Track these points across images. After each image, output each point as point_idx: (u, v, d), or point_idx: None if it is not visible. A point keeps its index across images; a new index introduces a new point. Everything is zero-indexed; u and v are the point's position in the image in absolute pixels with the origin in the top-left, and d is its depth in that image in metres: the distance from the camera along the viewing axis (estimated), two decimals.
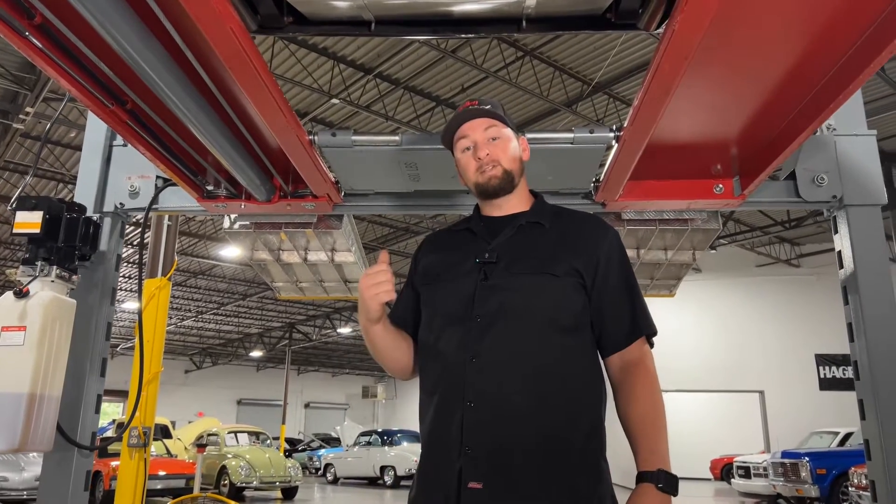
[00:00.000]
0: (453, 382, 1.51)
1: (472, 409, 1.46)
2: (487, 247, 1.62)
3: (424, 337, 1.65)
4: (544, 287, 1.54)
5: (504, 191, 1.66)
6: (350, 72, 10.21)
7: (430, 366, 1.60)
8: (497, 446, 1.44)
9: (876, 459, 2.22)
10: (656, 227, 2.67)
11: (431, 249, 1.78)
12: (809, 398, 15.83)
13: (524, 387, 1.47)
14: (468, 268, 1.60)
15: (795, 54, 1.74)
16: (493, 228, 1.67)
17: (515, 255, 1.59)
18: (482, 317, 1.52)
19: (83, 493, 2.39)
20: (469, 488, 1.41)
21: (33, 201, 2.26)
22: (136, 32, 1.53)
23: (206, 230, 16.60)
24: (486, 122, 1.67)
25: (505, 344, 1.50)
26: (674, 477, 1.45)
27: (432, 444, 1.53)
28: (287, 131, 1.94)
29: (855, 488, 9.87)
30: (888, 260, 2.36)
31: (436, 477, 1.49)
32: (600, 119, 11.07)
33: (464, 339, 1.52)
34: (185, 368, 32.88)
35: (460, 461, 1.44)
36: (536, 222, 1.65)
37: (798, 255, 17.27)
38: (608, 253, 1.60)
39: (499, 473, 1.42)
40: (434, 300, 1.65)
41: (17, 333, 2.11)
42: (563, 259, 1.56)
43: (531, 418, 1.45)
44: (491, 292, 1.54)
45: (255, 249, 3.04)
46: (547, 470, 1.43)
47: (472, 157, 1.66)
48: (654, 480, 1.43)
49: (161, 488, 12.11)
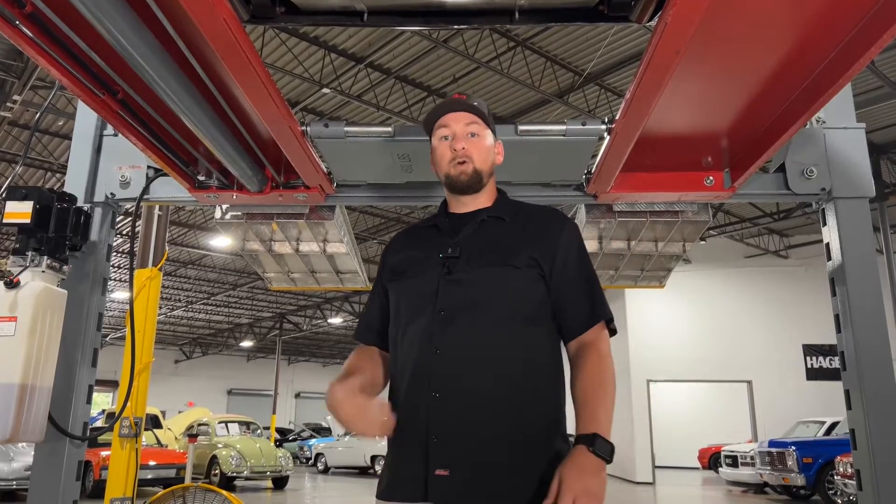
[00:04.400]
0: (419, 374, 1.56)
1: (438, 400, 1.52)
2: (451, 242, 1.67)
3: (392, 332, 1.71)
4: (505, 279, 1.59)
5: (472, 189, 1.71)
6: (341, 61, 10.15)
7: (398, 359, 1.65)
8: (462, 435, 1.49)
9: (861, 449, 2.25)
10: (647, 218, 2.68)
11: (398, 247, 1.82)
12: (797, 388, 15.98)
13: (487, 376, 1.53)
14: (432, 263, 1.65)
15: (786, 48, 1.75)
16: (457, 224, 1.72)
17: (477, 250, 1.64)
18: (446, 310, 1.57)
19: (75, 482, 2.39)
20: (436, 475, 1.47)
21: (24, 191, 2.24)
22: (127, 22, 1.52)
23: (195, 220, 16.52)
24: (469, 116, 1.71)
25: (468, 335, 1.56)
26: (609, 443, 1.48)
27: (400, 434, 1.57)
28: (279, 122, 1.94)
29: (840, 477, 10.00)
30: (875, 252, 2.38)
31: (404, 465, 1.54)
32: (592, 110, 11.07)
33: (428, 332, 1.57)
34: (176, 358, 32.80)
35: (427, 450, 1.49)
36: (498, 217, 1.71)
37: (786, 246, 17.38)
38: (567, 243, 1.66)
39: (464, 460, 1.48)
40: (400, 295, 1.69)
41: (7, 324, 2.10)
42: (523, 251, 1.62)
43: (495, 407, 1.51)
44: (454, 286, 1.60)
45: (247, 240, 3.04)
46: (511, 456, 1.49)
47: (448, 147, 1.70)
48: (588, 443, 1.45)
49: (151, 478, 12.12)
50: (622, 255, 3.11)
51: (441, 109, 1.73)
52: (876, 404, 2.23)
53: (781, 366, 16.20)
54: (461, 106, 1.71)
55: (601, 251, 3.03)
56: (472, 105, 1.71)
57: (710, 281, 16.97)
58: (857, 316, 2.31)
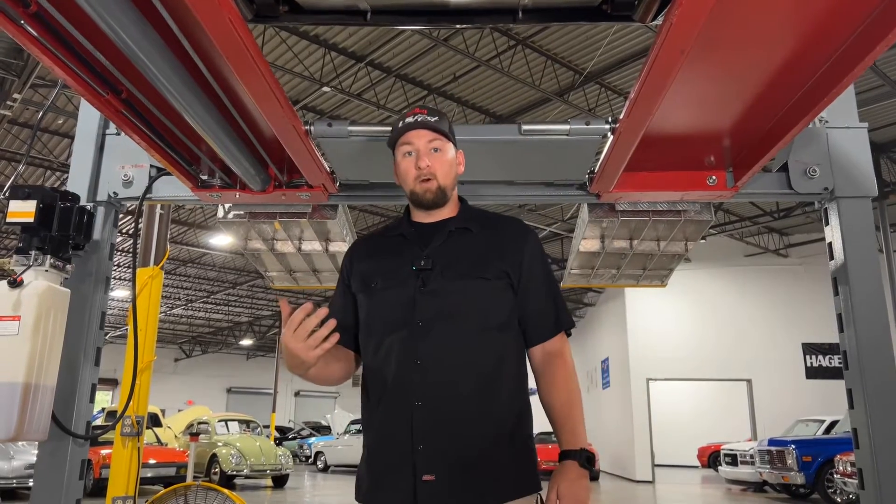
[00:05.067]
0: (400, 385, 1.62)
1: (421, 409, 1.58)
2: (422, 253, 1.72)
3: (365, 343, 1.74)
4: (478, 290, 1.68)
5: (437, 205, 1.78)
6: (341, 59, 10.15)
7: (374, 372, 1.68)
8: (445, 441, 1.57)
9: (864, 448, 2.25)
10: (649, 218, 2.68)
11: (365, 255, 1.85)
12: (796, 387, 15.99)
13: (466, 383, 1.61)
14: (405, 274, 1.70)
15: (791, 47, 1.75)
16: (424, 234, 1.78)
17: (449, 261, 1.71)
18: (423, 322, 1.63)
19: (78, 481, 2.39)
20: (424, 481, 1.54)
21: (27, 190, 2.24)
22: (132, 21, 1.52)
23: (195, 218, 16.51)
24: (430, 133, 1.76)
25: (446, 346, 1.63)
26: (592, 455, 1.65)
27: (382, 444, 1.64)
28: (284, 121, 1.94)
29: (840, 475, 10.01)
30: (877, 251, 2.38)
31: (389, 474, 1.60)
32: (592, 109, 11.07)
33: (407, 344, 1.63)
34: (175, 357, 32.80)
35: (413, 457, 1.56)
36: (465, 228, 1.78)
37: (786, 245, 17.39)
38: (531, 255, 1.76)
39: (449, 465, 1.55)
40: (373, 307, 1.73)
41: (11, 323, 2.10)
42: (492, 262, 1.71)
43: (474, 411, 1.60)
44: (430, 298, 1.66)
45: (249, 239, 3.04)
46: (490, 453, 1.59)
47: (412, 165, 1.76)
48: (577, 458, 1.62)
49: (151, 476, 12.13)
50: (624, 255, 3.12)
51: (403, 128, 1.78)
52: (878, 403, 2.24)
53: (781, 364, 16.22)
54: (423, 125, 1.77)
55: (603, 251, 3.03)
56: (431, 123, 1.77)
57: (709, 280, 16.97)
58: (859, 315, 2.31)
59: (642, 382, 16.50)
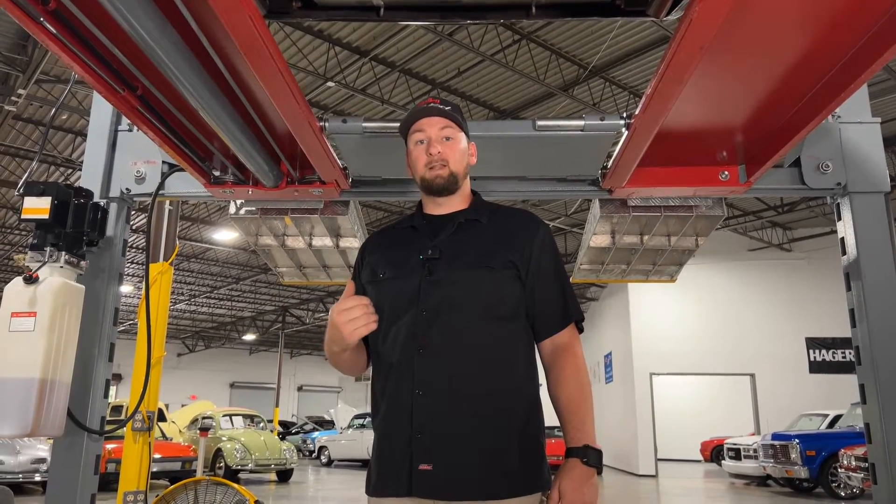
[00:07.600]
0: (403, 373, 1.61)
1: (421, 397, 1.57)
2: (430, 244, 1.71)
3: (374, 332, 1.73)
4: (483, 280, 1.66)
5: (447, 191, 1.76)
6: (345, 54, 10.13)
7: (381, 359, 1.70)
8: (444, 431, 1.55)
9: (877, 443, 2.26)
10: (661, 213, 2.68)
11: (376, 248, 1.85)
12: (799, 381, 15.98)
13: (468, 375, 1.59)
14: (413, 264, 1.70)
15: (806, 44, 1.75)
16: (434, 226, 1.77)
17: (456, 251, 1.69)
18: (428, 310, 1.63)
19: (93, 476, 2.41)
20: (420, 470, 1.53)
21: (41, 187, 2.25)
22: (151, 18, 1.52)
23: (199, 213, 16.52)
24: (442, 121, 1.76)
25: (450, 335, 1.61)
26: (598, 452, 1.60)
27: (387, 430, 1.64)
28: (300, 118, 1.94)
29: (844, 469, 10.02)
30: (891, 246, 2.38)
31: (391, 461, 1.59)
32: (596, 104, 11.04)
33: (411, 332, 1.62)
34: (178, 352, 32.84)
35: (412, 446, 1.55)
36: (474, 219, 1.76)
37: (790, 239, 17.36)
38: (541, 246, 1.73)
39: (446, 456, 1.54)
40: (380, 295, 1.72)
41: (27, 319, 2.11)
42: (500, 253, 1.69)
43: (476, 403, 1.57)
44: (435, 287, 1.65)
45: (260, 235, 3.04)
46: (491, 448, 1.55)
47: (423, 151, 1.75)
48: (581, 455, 1.57)
49: (157, 471, 12.17)
50: (635, 250, 3.12)
51: (416, 115, 1.78)
52: (891, 398, 2.24)
53: (784, 359, 16.20)
54: (435, 111, 1.76)
55: (614, 246, 3.03)
56: (445, 110, 1.76)
57: (713, 274, 16.94)
58: (872, 310, 2.32)
59: (645, 377, 16.50)
